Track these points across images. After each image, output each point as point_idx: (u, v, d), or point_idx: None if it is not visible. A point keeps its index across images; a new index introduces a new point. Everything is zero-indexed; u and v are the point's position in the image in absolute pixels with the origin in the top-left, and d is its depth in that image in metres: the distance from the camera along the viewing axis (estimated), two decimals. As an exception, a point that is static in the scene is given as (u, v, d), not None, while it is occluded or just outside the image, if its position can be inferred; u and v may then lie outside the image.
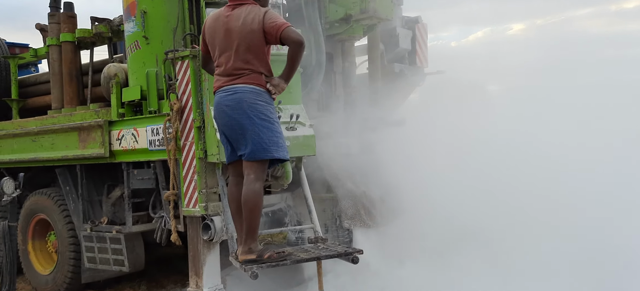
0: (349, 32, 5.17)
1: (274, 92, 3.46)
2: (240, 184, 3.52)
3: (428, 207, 4.37)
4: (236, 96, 3.36)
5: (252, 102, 3.35)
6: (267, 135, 3.36)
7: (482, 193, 4.03)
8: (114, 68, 4.74)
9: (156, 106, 4.36)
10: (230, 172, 3.61)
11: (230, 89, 3.39)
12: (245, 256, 3.38)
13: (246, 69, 3.38)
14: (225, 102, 3.39)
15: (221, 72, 3.45)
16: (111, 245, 4.78)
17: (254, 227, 3.37)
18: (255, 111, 3.35)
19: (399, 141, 4.59)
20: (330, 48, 5.23)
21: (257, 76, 3.40)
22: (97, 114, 4.91)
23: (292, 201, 4.69)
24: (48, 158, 5.22)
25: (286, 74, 3.49)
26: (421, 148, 4.54)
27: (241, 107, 3.35)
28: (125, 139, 4.56)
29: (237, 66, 3.38)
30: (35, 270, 5.55)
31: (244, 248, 3.40)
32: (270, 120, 3.40)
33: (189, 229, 4.24)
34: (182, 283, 5.47)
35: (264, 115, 3.37)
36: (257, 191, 3.34)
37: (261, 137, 3.34)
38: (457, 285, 3.97)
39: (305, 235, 4.47)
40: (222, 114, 3.43)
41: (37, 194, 5.53)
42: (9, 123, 5.85)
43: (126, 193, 4.73)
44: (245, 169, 3.40)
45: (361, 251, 3.68)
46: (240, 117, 3.36)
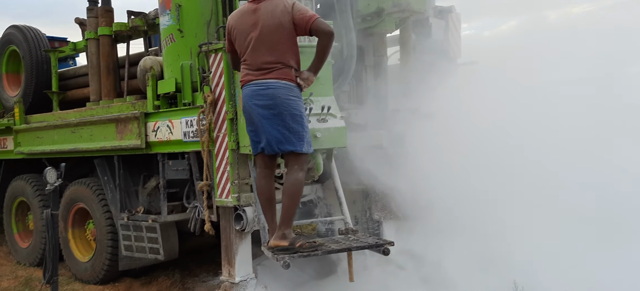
0: (381, 26, 5.12)
1: (304, 86, 3.50)
2: (268, 177, 3.60)
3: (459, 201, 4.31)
4: (269, 92, 3.42)
5: (286, 98, 3.43)
6: (298, 130, 3.45)
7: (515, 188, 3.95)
8: (150, 61, 4.85)
9: (190, 98, 4.44)
10: (258, 164, 3.67)
11: (263, 83, 3.44)
12: (278, 242, 3.45)
13: (278, 64, 3.43)
14: (258, 97, 3.45)
15: (250, 66, 3.49)
16: (147, 233, 4.90)
17: (291, 214, 3.46)
18: (288, 107, 3.43)
19: (430, 134, 4.54)
20: (362, 42, 5.20)
21: (288, 71, 3.46)
22: (134, 106, 5.03)
23: (323, 192, 4.71)
24: (87, 148, 5.38)
25: (315, 66, 3.55)
26: (453, 141, 4.47)
27: (275, 104, 3.41)
28: (160, 131, 4.66)
29: (267, 60, 3.43)
30: (75, 257, 5.75)
31: (278, 233, 3.47)
32: (302, 115, 3.50)
33: (222, 219, 4.31)
34: (215, 272, 5.58)
35: (296, 111, 3.46)
36: (299, 180, 3.46)
37: (291, 133, 3.43)
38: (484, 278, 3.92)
39: (335, 227, 4.49)
40: (253, 107, 3.48)
41: (76, 184, 5.71)
42: (50, 115, 6.05)
43: (161, 184, 4.84)
44: (288, 161, 3.51)
45: (392, 243, 3.68)
46: (274, 113, 3.43)
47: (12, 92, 6.63)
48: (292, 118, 3.45)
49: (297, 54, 3.53)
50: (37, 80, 6.22)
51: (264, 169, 3.62)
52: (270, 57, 3.43)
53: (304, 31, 3.44)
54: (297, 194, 3.49)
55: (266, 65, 3.44)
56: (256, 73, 3.47)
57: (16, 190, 6.64)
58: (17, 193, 6.64)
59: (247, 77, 3.52)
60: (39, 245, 6.22)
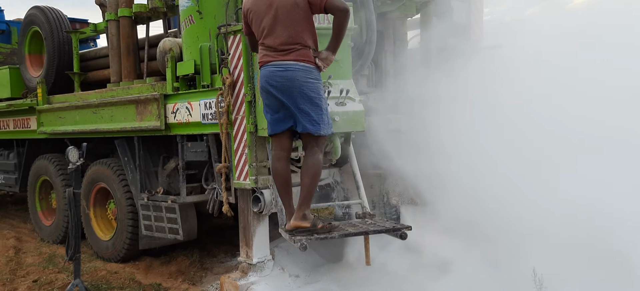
0: (402, 10, 5.04)
1: (322, 66, 3.48)
2: (284, 159, 3.62)
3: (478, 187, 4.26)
4: (288, 74, 3.41)
5: (304, 81, 3.43)
6: (316, 112, 3.46)
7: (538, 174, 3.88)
8: (169, 43, 4.86)
9: (209, 81, 4.45)
10: (274, 146, 3.67)
11: (281, 65, 3.43)
12: (300, 223, 3.47)
13: (295, 45, 3.42)
14: (276, 78, 3.44)
15: (268, 47, 3.48)
16: (166, 214, 4.97)
17: (311, 195, 3.50)
18: (307, 89, 3.43)
19: (450, 118, 4.48)
20: (381, 26, 5.13)
21: (306, 52, 3.45)
22: (153, 87, 5.07)
23: (340, 176, 4.69)
24: (108, 129, 5.45)
25: (333, 45, 3.53)
26: (473, 126, 4.40)
27: (293, 86, 3.41)
28: (179, 113, 4.69)
29: (284, 41, 3.42)
30: (96, 235, 5.87)
31: (299, 213, 3.50)
32: (320, 97, 3.50)
33: (240, 201, 4.34)
34: (232, 253, 5.64)
35: (314, 93, 3.46)
36: (319, 161, 3.51)
37: (311, 116, 3.44)
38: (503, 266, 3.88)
39: (352, 211, 4.49)
40: (271, 89, 3.48)
41: (97, 164, 5.80)
42: (71, 95, 6.14)
43: (180, 165, 4.88)
44: (306, 142, 3.53)
45: (410, 227, 3.67)
46: (292, 95, 3.43)
47: (35, 72, 6.73)
48: (309, 100, 3.45)
49: (314, 33, 3.51)
50: (59, 61, 6.30)
51: (280, 151, 3.62)
52: (287, 38, 3.42)
53: (319, 9, 3.43)
54: (317, 175, 3.51)
55: (284, 46, 3.43)
56: (274, 54, 3.46)
57: (40, 169, 6.78)
58: (40, 172, 6.78)
59: (265, 58, 3.51)
60: (62, 223, 6.36)
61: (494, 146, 4.14)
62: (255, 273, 4.25)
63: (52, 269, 5.41)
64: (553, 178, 3.79)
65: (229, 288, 4.19)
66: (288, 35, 3.41)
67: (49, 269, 5.41)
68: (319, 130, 3.48)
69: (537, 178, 3.86)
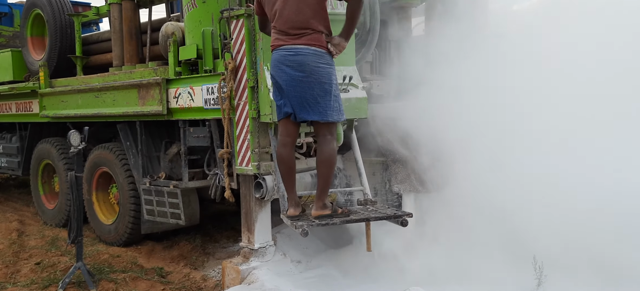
0: (407, 0, 5.00)
1: (335, 52, 3.46)
2: (289, 145, 3.60)
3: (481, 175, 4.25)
4: (298, 58, 3.37)
5: (315, 66, 3.38)
6: (325, 99, 3.41)
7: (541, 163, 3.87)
8: (172, 27, 4.83)
9: (211, 65, 4.43)
10: (280, 131, 3.63)
11: (292, 49, 3.39)
12: (321, 212, 3.50)
13: (307, 29, 3.38)
14: (287, 63, 3.40)
15: (280, 31, 3.44)
16: (169, 198, 4.98)
17: (329, 184, 3.51)
18: (317, 75, 3.38)
19: (454, 107, 4.46)
20: (386, 16, 5.09)
21: (318, 37, 3.40)
22: (156, 72, 5.05)
23: (343, 163, 4.69)
24: (110, 113, 5.44)
25: (346, 31, 3.50)
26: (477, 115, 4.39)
27: (303, 70, 3.37)
28: (182, 98, 4.68)
29: (297, 25, 3.38)
30: (99, 219, 5.89)
31: (319, 203, 3.52)
32: (331, 83, 3.44)
33: (242, 187, 4.34)
34: (234, 238, 5.67)
35: (325, 79, 3.41)
36: (334, 149, 3.48)
37: (318, 102, 3.39)
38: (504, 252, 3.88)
39: (354, 198, 4.49)
40: (282, 73, 3.44)
41: (100, 148, 5.81)
42: (74, 79, 6.12)
43: (183, 150, 4.88)
44: (319, 130, 3.49)
45: (410, 214, 3.67)
46: (302, 80, 3.38)
47: (37, 55, 6.71)
48: (320, 86, 3.40)
49: (326, 18, 3.46)
50: (61, 44, 6.28)
51: (285, 137, 3.59)
52: (298, 22, 3.37)
53: None
54: (334, 164, 3.50)
55: (296, 30, 3.38)
56: (286, 38, 3.42)
57: (42, 153, 6.79)
58: (43, 156, 6.79)
59: (277, 41, 3.47)
60: (65, 207, 6.38)
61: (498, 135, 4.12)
62: (256, 258, 4.27)
63: (55, 252, 5.44)
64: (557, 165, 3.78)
65: (231, 273, 4.21)
66: (299, 20, 3.37)
67: (52, 252, 5.45)
68: (326, 117, 3.43)
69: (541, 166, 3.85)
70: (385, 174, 4.78)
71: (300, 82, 3.39)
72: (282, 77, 3.45)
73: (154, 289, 4.42)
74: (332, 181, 3.57)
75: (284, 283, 4.00)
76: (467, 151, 4.27)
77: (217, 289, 4.33)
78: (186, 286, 4.49)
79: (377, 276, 4.23)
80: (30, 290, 4.46)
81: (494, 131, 4.21)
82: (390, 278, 4.12)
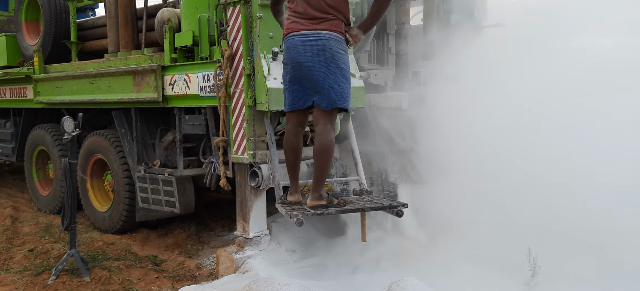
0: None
1: (351, 42, 3.42)
2: (299, 134, 3.54)
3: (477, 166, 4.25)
4: (320, 43, 3.28)
5: (336, 51, 3.31)
6: (345, 85, 3.35)
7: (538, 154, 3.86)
8: (167, 13, 4.78)
9: (207, 52, 4.38)
10: (291, 120, 3.53)
11: (313, 34, 3.29)
12: (317, 202, 3.46)
13: (330, 14, 3.30)
14: (308, 48, 3.30)
15: (300, 14, 3.33)
16: (163, 186, 4.95)
17: (326, 175, 3.46)
18: (337, 60, 3.31)
19: (451, 97, 4.44)
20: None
21: (339, 24, 3.34)
22: (151, 58, 5.00)
23: (339, 153, 4.67)
24: (105, 100, 5.39)
25: (366, 24, 3.47)
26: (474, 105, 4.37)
27: (325, 55, 3.28)
28: (177, 85, 4.64)
29: (320, 9, 3.29)
30: (93, 206, 5.86)
31: (314, 194, 3.47)
32: (347, 70, 3.39)
33: (237, 175, 4.32)
34: (229, 227, 5.65)
35: (344, 65, 3.35)
36: (333, 140, 3.42)
37: (341, 87, 3.32)
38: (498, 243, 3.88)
39: (350, 187, 4.47)
40: (301, 58, 3.31)
41: (95, 135, 5.76)
42: (68, 65, 6.06)
43: (178, 138, 4.85)
44: (321, 118, 3.38)
45: (406, 204, 3.65)
46: (323, 64, 3.29)
47: (31, 40, 6.64)
48: (341, 72, 3.32)
49: (347, 6, 3.39)
50: (56, 29, 6.21)
51: (297, 126, 3.50)
52: (324, 6, 3.29)
53: None
54: (331, 155, 3.44)
55: (319, 14, 3.28)
56: (306, 22, 3.30)
57: (36, 139, 6.74)
58: (37, 142, 6.74)
59: (295, 25, 3.34)
60: (59, 193, 6.35)
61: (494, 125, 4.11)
62: (251, 247, 4.25)
63: (49, 239, 5.42)
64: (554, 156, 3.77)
65: (225, 262, 4.20)
66: (325, 4, 3.28)
67: (46, 239, 5.42)
68: (347, 104, 3.37)
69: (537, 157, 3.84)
70: (381, 164, 4.77)
71: (321, 66, 3.28)
72: (301, 63, 3.31)
73: (148, 277, 4.40)
74: (328, 172, 3.52)
75: (279, 272, 3.99)
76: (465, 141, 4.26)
77: (211, 277, 4.31)
78: (180, 274, 4.48)
79: (372, 266, 4.22)
80: (23, 276, 4.43)
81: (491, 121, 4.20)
82: (385, 268, 4.12)
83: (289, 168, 3.61)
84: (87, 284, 4.24)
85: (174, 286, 4.20)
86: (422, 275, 3.62)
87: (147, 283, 4.29)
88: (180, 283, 4.23)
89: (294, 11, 3.36)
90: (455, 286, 3.67)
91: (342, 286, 3.89)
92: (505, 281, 3.62)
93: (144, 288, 4.18)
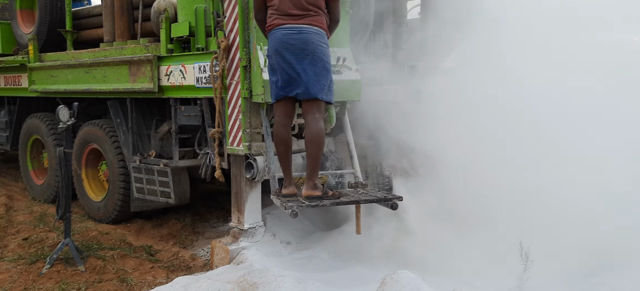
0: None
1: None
2: (288, 126, 3.64)
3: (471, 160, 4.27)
4: (302, 36, 3.43)
5: (318, 44, 3.45)
6: (327, 77, 3.49)
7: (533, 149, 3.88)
8: (164, 3, 4.76)
9: (204, 43, 4.37)
10: (278, 112, 3.63)
11: (295, 28, 3.43)
12: (311, 192, 3.52)
13: (311, 11, 3.45)
14: (290, 41, 3.43)
15: (282, 11, 3.47)
16: (159, 177, 4.95)
17: (319, 164, 3.55)
18: (320, 53, 3.46)
19: (447, 91, 4.45)
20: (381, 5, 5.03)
21: (320, 19, 3.49)
22: (147, 48, 4.98)
23: (334, 146, 4.68)
24: (100, 89, 5.38)
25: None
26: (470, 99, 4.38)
27: (307, 48, 3.42)
28: (173, 75, 4.62)
29: (302, 6, 3.43)
30: (88, 196, 5.85)
31: (309, 183, 3.54)
32: (329, 63, 3.54)
33: (233, 167, 4.32)
34: (224, 218, 5.66)
35: (327, 58, 3.50)
36: (323, 129, 3.53)
37: (324, 79, 3.46)
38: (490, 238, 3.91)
39: (345, 180, 4.48)
40: (285, 51, 3.46)
41: (90, 124, 5.75)
42: (64, 54, 6.03)
43: (173, 129, 4.84)
44: (309, 109, 3.51)
45: (401, 197, 3.67)
46: (306, 57, 3.43)
47: (26, 29, 6.60)
48: (323, 65, 3.48)
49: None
50: (51, 18, 6.17)
51: (284, 117, 3.62)
52: (306, 4, 3.44)
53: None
54: (323, 144, 3.54)
55: (300, 11, 3.44)
56: (286, 18, 3.46)
57: (31, 128, 6.71)
58: (32, 131, 6.71)
59: (278, 21, 3.49)
60: (53, 182, 6.33)
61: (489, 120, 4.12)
62: (246, 239, 4.26)
63: (43, 228, 5.41)
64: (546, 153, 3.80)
65: (220, 253, 4.21)
66: (306, 2, 3.44)
67: (40, 228, 5.41)
68: (330, 97, 3.52)
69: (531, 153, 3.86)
70: (376, 158, 4.78)
71: (306, 58, 3.43)
72: (284, 55, 3.45)
73: (143, 267, 4.41)
74: (321, 160, 3.58)
75: (273, 263, 4.01)
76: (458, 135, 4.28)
77: (206, 268, 4.33)
78: (175, 264, 4.49)
79: (366, 259, 4.24)
80: (18, 265, 4.43)
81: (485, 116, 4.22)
82: (378, 261, 4.14)
83: (281, 160, 3.66)
84: (82, 273, 4.25)
85: (168, 276, 4.21)
86: (416, 267, 3.64)
87: (141, 273, 4.30)
88: (174, 274, 4.24)
89: (276, 9, 3.49)
90: (449, 278, 3.70)
91: (337, 278, 3.91)
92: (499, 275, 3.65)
93: (138, 278, 4.19)
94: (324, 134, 3.55)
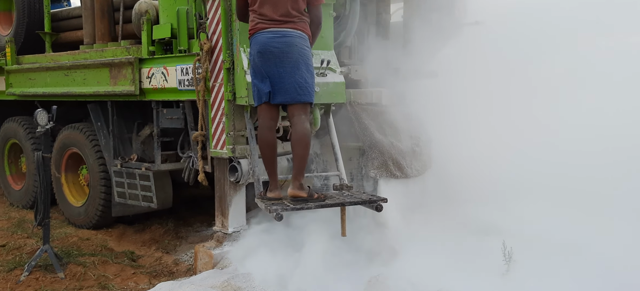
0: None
1: None
2: (273, 129, 3.66)
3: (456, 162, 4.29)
4: (286, 40, 3.45)
5: (301, 47, 3.49)
6: (310, 80, 3.54)
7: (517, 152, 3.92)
8: (145, 5, 4.70)
9: (186, 45, 4.32)
10: (263, 115, 3.62)
11: (278, 32, 3.45)
12: (297, 193, 3.53)
13: (296, 16, 3.49)
14: (275, 44, 3.45)
15: (264, 16, 3.48)
16: (140, 181, 4.88)
17: (305, 165, 3.58)
18: (304, 56, 3.50)
19: (431, 94, 4.47)
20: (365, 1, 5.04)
21: (305, 25, 3.54)
22: (128, 51, 4.91)
23: (319, 148, 4.66)
24: (80, 92, 5.29)
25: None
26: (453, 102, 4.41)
27: (292, 52, 3.45)
28: (155, 78, 4.57)
29: (284, 13, 3.46)
30: (68, 201, 5.74)
31: (295, 184, 3.55)
32: (312, 66, 3.60)
33: (216, 170, 4.28)
34: (208, 222, 5.60)
35: (310, 61, 3.56)
36: (309, 129, 3.58)
37: (306, 82, 3.51)
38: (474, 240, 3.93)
39: (330, 182, 4.47)
40: (269, 55, 3.48)
41: (69, 128, 5.65)
42: (42, 56, 5.92)
43: (155, 132, 4.78)
44: (295, 111, 3.54)
45: (385, 199, 3.68)
46: (290, 60, 3.46)
47: (3, 31, 6.47)
48: (306, 68, 3.52)
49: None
50: (29, 19, 6.06)
51: (269, 120, 3.63)
52: (291, 9, 3.47)
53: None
54: (309, 145, 3.56)
55: (284, 17, 3.47)
56: (270, 23, 3.48)
57: (8, 132, 6.57)
58: (9, 135, 6.57)
59: (261, 25, 3.51)
60: (32, 188, 6.21)
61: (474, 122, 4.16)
62: (230, 243, 4.22)
63: (21, 234, 5.29)
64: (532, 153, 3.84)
65: (204, 257, 4.16)
66: (291, 7, 3.47)
67: (18, 234, 5.29)
68: (312, 98, 3.56)
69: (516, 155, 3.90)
70: (361, 160, 4.77)
71: (290, 63, 3.45)
72: (268, 59, 3.46)
73: (124, 273, 4.34)
74: (307, 161, 3.59)
75: (257, 267, 3.95)
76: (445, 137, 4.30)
77: (190, 273, 4.27)
78: (157, 270, 4.42)
79: (350, 261, 4.22)
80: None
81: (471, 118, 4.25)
82: (364, 262, 4.13)
83: (266, 164, 3.65)
84: (61, 280, 4.15)
85: (151, 282, 4.14)
86: (402, 269, 3.64)
87: (123, 279, 4.22)
88: (157, 279, 4.17)
89: (260, 14, 3.51)
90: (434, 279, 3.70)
91: (322, 281, 3.89)
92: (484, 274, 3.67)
93: (120, 284, 4.11)
94: (310, 135, 3.58)
